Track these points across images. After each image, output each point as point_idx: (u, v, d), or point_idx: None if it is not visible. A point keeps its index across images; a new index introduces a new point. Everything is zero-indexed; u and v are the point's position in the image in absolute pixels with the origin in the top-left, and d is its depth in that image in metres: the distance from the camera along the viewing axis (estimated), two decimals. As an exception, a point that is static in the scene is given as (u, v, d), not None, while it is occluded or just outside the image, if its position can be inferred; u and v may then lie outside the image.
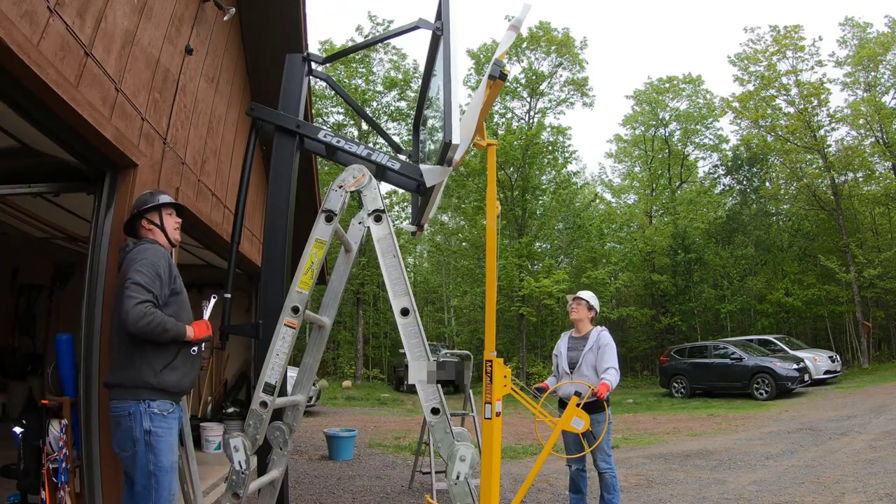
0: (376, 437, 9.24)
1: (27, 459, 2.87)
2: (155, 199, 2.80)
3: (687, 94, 27.65)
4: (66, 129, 2.60)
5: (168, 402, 2.49)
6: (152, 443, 2.39)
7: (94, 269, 2.96)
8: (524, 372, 21.66)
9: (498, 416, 2.93)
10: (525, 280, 20.90)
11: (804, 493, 4.69)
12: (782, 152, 22.04)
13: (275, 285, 2.92)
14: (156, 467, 2.39)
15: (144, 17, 3.13)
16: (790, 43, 20.67)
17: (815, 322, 22.66)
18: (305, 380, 2.71)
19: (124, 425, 2.41)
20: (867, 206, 21.74)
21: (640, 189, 29.71)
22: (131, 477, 2.45)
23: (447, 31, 2.73)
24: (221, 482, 4.83)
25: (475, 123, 2.75)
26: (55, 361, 2.99)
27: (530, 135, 22.49)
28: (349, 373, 23.62)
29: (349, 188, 2.32)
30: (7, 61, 2.06)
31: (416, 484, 5.58)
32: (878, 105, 19.17)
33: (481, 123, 2.89)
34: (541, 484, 5.29)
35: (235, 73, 5.04)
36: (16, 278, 6.91)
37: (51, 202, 4.20)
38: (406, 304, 2.19)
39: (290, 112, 3.14)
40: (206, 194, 4.45)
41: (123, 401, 2.43)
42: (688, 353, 16.05)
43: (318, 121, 20.33)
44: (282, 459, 2.47)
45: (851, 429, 7.61)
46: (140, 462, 2.39)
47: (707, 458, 6.55)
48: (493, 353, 2.97)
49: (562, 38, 23.32)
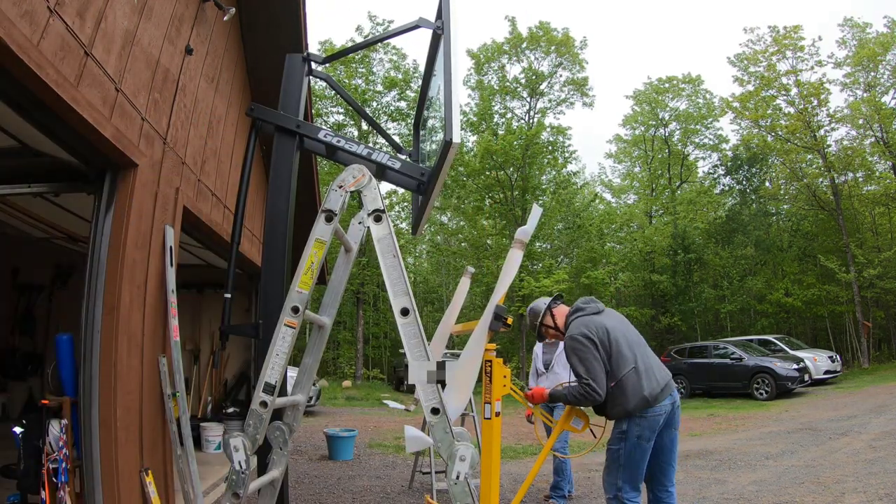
0: (376, 437, 9.24)
1: (27, 459, 2.88)
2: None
3: (687, 94, 27.67)
4: (66, 129, 2.60)
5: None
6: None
7: (93, 269, 2.96)
8: (524, 372, 21.66)
9: (498, 416, 2.92)
10: (525, 280, 20.89)
11: (804, 493, 4.69)
12: (782, 152, 22.03)
13: (275, 285, 2.92)
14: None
15: (144, 17, 3.13)
16: (790, 43, 20.68)
17: (815, 322, 22.67)
18: (305, 380, 2.70)
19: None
20: (867, 206, 21.74)
21: (639, 189, 29.73)
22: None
23: (447, 31, 2.73)
24: (221, 482, 4.83)
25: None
26: (55, 361, 3.00)
27: (530, 135, 22.48)
28: (349, 373, 23.62)
29: (349, 188, 2.32)
30: (7, 61, 2.06)
31: (416, 484, 5.58)
32: (878, 105, 19.17)
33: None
34: (541, 484, 5.29)
35: (235, 73, 5.04)
36: (16, 278, 6.91)
37: (51, 202, 4.20)
38: (406, 304, 2.19)
39: (290, 112, 3.13)
40: (206, 194, 4.45)
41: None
42: (688, 353, 16.04)
43: (318, 121, 20.35)
44: (282, 459, 2.47)
45: (851, 429, 7.60)
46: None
47: (707, 458, 6.55)
48: (493, 352, 2.97)
49: (562, 38, 23.31)
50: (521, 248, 2.89)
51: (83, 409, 2.87)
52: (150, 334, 3.32)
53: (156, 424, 3.36)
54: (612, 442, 3.00)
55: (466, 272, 4.54)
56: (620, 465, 2.93)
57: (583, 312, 3.17)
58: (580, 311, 3.18)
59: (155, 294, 3.38)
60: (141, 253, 3.22)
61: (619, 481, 2.93)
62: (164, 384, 3.41)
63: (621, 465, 2.93)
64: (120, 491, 2.85)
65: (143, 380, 3.21)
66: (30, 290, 6.94)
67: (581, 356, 2.94)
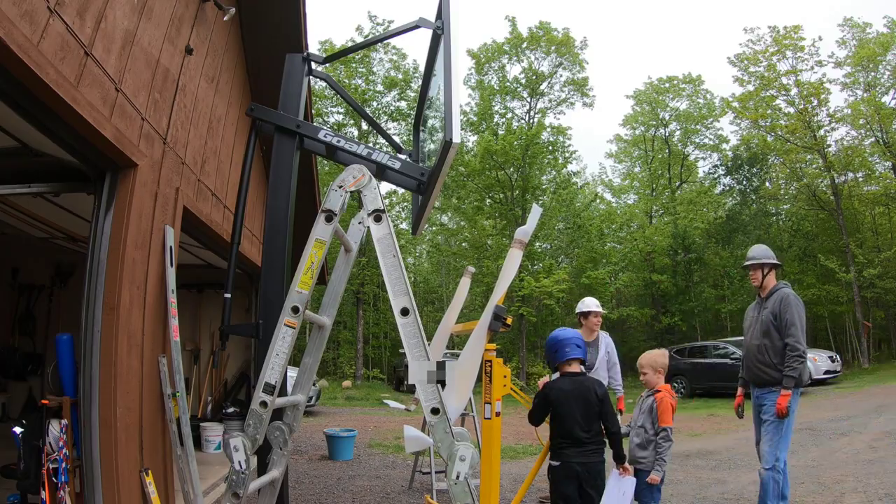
0: (376, 437, 9.24)
1: (27, 459, 2.88)
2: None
3: (687, 94, 27.66)
4: (66, 129, 2.60)
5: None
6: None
7: (93, 269, 2.96)
8: (524, 372, 21.66)
9: (498, 416, 2.92)
10: (525, 280, 20.89)
11: (804, 493, 4.69)
12: (782, 152, 22.04)
13: (275, 285, 2.92)
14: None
15: (144, 17, 3.13)
16: (790, 43, 20.67)
17: (816, 322, 22.63)
18: (305, 380, 2.70)
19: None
20: (867, 206, 21.75)
21: (640, 189, 29.72)
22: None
23: (447, 31, 2.73)
24: (221, 482, 4.83)
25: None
26: (55, 361, 3.00)
27: (530, 135, 22.49)
28: (349, 373, 23.61)
29: (349, 188, 2.31)
30: (7, 61, 2.06)
31: (416, 484, 5.57)
32: (878, 105, 19.18)
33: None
34: (541, 484, 5.29)
35: (235, 73, 5.04)
36: (16, 278, 6.91)
37: (51, 202, 4.20)
38: (406, 303, 2.19)
39: (290, 112, 3.13)
40: (206, 194, 4.45)
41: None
42: (688, 353, 16.04)
43: (318, 121, 20.33)
44: (282, 459, 2.47)
45: (851, 429, 7.60)
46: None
47: (707, 458, 6.55)
48: (493, 352, 2.97)
49: (562, 38, 23.32)
50: (520, 248, 2.89)
51: (83, 409, 2.86)
52: (150, 334, 3.32)
53: (156, 424, 3.36)
54: (777, 414, 3.34)
55: (467, 272, 4.54)
56: (782, 436, 3.33)
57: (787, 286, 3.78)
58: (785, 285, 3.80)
59: (155, 294, 3.38)
60: (141, 253, 3.22)
61: (779, 451, 3.32)
62: (164, 384, 3.41)
63: (782, 436, 3.33)
64: (120, 491, 2.85)
65: (143, 380, 3.20)
66: (30, 290, 6.94)
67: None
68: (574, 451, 3.03)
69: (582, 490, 3.01)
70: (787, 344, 3.52)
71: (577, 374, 3.21)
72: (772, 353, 3.60)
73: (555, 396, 3.12)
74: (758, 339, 3.71)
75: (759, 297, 3.91)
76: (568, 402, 3.08)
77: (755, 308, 3.93)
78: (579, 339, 3.27)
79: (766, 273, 3.85)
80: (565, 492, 3.02)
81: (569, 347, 3.20)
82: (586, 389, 3.12)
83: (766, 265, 3.86)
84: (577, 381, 3.16)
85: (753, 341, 3.76)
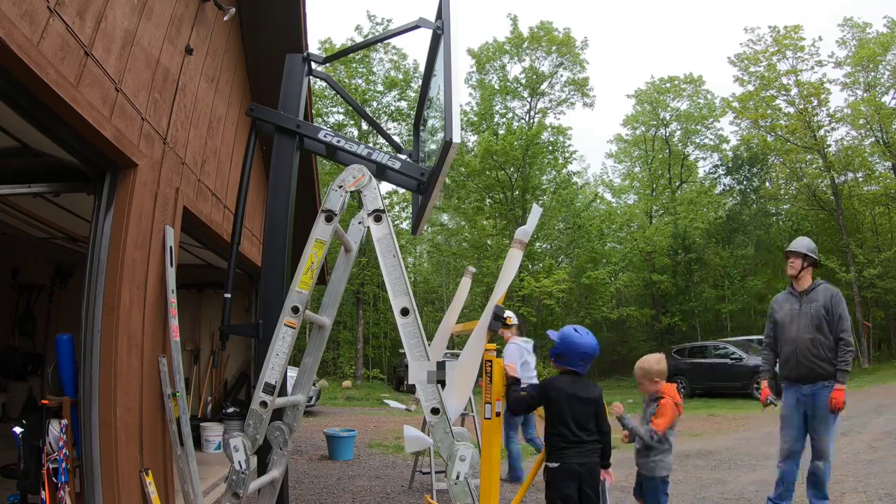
0: (376, 437, 9.23)
1: (27, 459, 2.88)
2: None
3: (688, 94, 27.70)
4: (66, 129, 2.60)
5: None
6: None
7: (93, 269, 2.96)
8: (524, 372, 21.63)
9: (498, 416, 2.92)
10: (525, 280, 20.89)
11: (804, 493, 4.68)
12: (782, 152, 22.05)
13: (275, 285, 2.92)
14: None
15: (144, 17, 3.13)
16: (790, 43, 20.69)
17: (816, 322, 22.64)
18: (305, 380, 2.70)
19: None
20: (867, 206, 21.76)
21: (640, 189, 29.73)
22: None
23: (447, 31, 2.73)
24: (221, 482, 4.83)
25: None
26: (55, 361, 2.99)
27: (530, 135, 22.50)
28: (349, 373, 23.62)
29: (349, 188, 2.32)
30: (7, 61, 2.06)
31: (416, 484, 5.57)
32: (878, 105, 19.18)
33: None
34: (541, 483, 5.29)
35: (235, 73, 5.04)
36: (16, 278, 6.92)
37: (51, 202, 4.20)
38: (406, 303, 2.19)
39: (290, 112, 3.13)
40: (206, 194, 4.45)
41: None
42: (688, 353, 16.04)
43: (318, 121, 20.34)
44: (282, 459, 2.47)
45: (851, 429, 7.59)
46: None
47: (707, 458, 6.54)
48: (493, 352, 2.97)
49: (562, 38, 23.34)
50: (520, 247, 2.89)
51: (83, 409, 2.86)
52: (150, 334, 3.32)
53: (156, 424, 3.36)
54: (834, 409, 3.65)
55: (467, 272, 4.53)
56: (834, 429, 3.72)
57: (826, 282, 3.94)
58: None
59: (155, 294, 3.38)
60: (141, 253, 3.22)
61: (833, 443, 3.74)
62: (164, 384, 3.41)
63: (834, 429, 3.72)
64: (120, 491, 2.85)
65: (143, 380, 3.20)
66: (30, 290, 6.95)
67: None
68: (574, 452, 3.03)
69: (581, 490, 3.01)
70: (842, 339, 3.64)
71: (578, 375, 3.21)
72: (825, 347, 3.68)
73: (554, 395, 3.12)
74: (810, 333, 3.72)
75: (794, 290, 3.93)
76: (569, 401, 3.07)
77: (792, 301, 3.91)
78: (593, 355, 3.19)
79: (805, 266, 3.88)
80: (566, 492, 3.01)
81: (582, 361, 3.12)
82: (586, 389, 3.12)
83: (808, 258, 3.88)
84: (577, 380, 3.16)
85: (804, 335, 3.75)
